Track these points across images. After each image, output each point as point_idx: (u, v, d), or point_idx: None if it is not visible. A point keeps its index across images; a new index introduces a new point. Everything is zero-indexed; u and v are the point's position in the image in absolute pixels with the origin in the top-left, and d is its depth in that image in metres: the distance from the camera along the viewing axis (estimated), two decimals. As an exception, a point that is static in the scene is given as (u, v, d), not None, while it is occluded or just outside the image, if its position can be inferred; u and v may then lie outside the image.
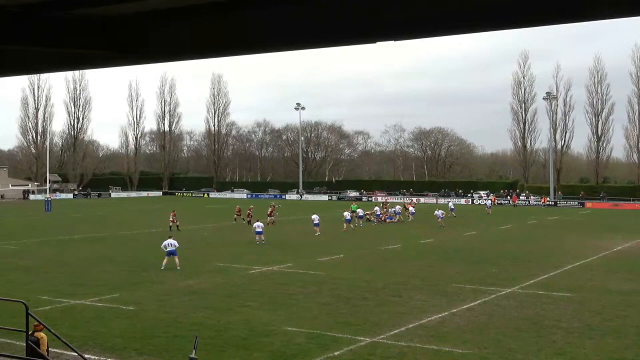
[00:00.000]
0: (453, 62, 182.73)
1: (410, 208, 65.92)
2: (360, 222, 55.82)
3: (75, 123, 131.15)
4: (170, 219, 54.42)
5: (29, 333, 14.46)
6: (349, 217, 52.99)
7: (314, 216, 49.07)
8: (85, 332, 19.92)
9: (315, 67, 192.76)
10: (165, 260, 31.82)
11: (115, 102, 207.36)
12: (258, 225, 42.63)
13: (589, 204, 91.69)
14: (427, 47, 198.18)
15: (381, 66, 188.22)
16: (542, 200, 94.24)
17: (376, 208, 64.77)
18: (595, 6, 6.60)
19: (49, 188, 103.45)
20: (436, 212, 58.80)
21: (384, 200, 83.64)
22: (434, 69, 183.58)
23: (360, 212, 57.28)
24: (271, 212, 58.10)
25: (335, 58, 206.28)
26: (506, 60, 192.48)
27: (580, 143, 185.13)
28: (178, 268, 31.39)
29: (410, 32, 7.65)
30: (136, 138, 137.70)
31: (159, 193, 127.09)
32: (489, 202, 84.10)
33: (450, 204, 72.89)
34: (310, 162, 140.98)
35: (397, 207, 65.85)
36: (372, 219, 60.36)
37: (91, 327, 20.66)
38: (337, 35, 7.94)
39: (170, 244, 32.20)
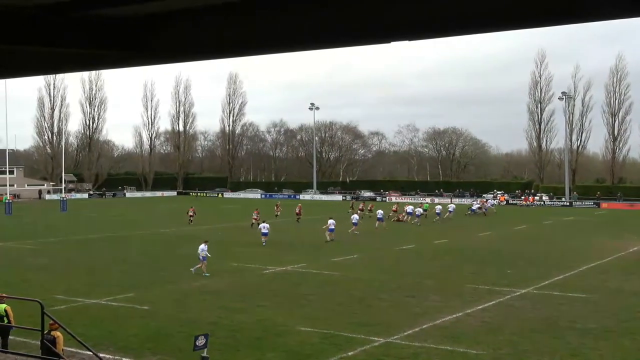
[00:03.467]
0: (475, 63, 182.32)
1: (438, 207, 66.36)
2: (381, 223, 54.52)
3: (91, 123, 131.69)
4: (190, 213, 58.26)
5: (45, 332, 14.56)
6: (380, 216, 54.72)
7: (330, 221, 44.76)
8: (100, 331, 20.02)
9: (337, 67, 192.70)
10: (200, 265, 30.82)
11: (130, 103, 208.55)
12: (264, 227, 42.46)
13: (604, 205, 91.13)
14: (450, 48, 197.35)
15: (403, 67, 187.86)
16: (528, 199, 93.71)
17: (409, 207, 65.46)
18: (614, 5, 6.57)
19: (64, 188, 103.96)
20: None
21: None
22: (455, 69, 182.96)
23: (380, 213, 54.90)
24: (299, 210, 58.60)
25: (357, 58, 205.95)
26: (526, 61, 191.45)
27: (596, 143, 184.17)
28: (205, 274, 30.26)
29: (424, 32, 7.64)
30: (151, 138, 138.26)
31: (174, 193, 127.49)
32: (492, 202, 79.93)
33: (451, 206, 69.32)
34: (324, 162, 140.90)
35: (417, 209, 66.12)
36: (405, 218, 61.61)
37: (106, 326, 20.76)
38: (352, 35, 7.95)
39: (202, 249, 30.89)
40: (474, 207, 73.62)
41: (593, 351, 18.24)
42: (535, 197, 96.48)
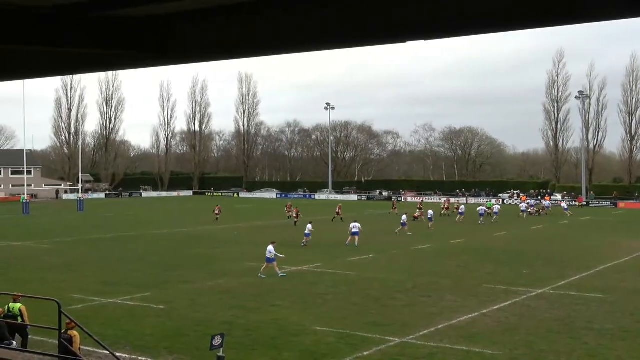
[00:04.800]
0: (490, 62, 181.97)
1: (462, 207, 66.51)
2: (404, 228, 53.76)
3: (108, 124, 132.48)
4: (216, 212, 61.38)
5: (62, 331, 14.64)
6: (429, 215, 56.29)
7: (354, 224, 42.16)
8: (116, 330, 20.13)
9: (352, 68, 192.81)
10: (265, 267, 30.36)
11: (147, 103, 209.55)
12: (308, 228, 42.22)
13: (621, 204, 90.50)
14: (467, 47, 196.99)
15: (419, 66, 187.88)
16: (578, 200, 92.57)
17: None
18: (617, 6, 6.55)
19: (81, 188, 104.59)
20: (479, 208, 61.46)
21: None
22: (472, 68, 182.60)
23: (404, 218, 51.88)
24: (297, 213, 58.33)
25: (372, 58, 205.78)
26: (541, 61, 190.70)
27: (613, 142, 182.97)
28: (281, 274, 29.97)
29: (439, 32, 7.63)
30: (167, 138, 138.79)
31: (189, 193, 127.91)
32: (524, 205, 74.65)
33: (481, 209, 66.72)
34: (339, 162, 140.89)
35: (462, 206, 66.87)
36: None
37: (122, 325, 20.87)
38: (367, 35, 7.95)
39: (269, 251, 30.29)
40: (523, 208, 72.49)
41: (610, 351, 18.13)
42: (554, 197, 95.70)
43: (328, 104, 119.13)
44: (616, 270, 33.03)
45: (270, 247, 30.24)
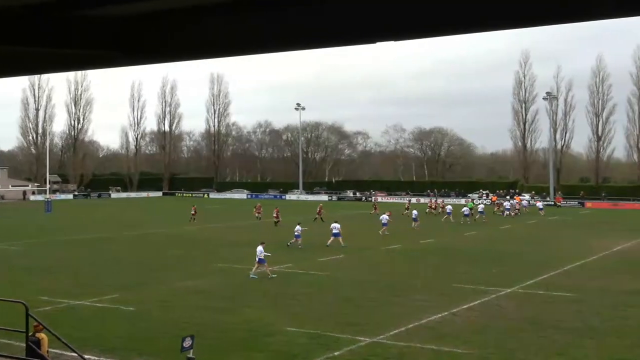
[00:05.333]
0: (464, 64, 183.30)
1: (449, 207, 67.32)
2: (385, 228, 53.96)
3: (76, 124, 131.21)
4: (192, 212, 62.17)
5: (29, 334, 14.47)
6: (414, 216, 56.34)
7: (334, 225, 42.46)
8: (85, 332, 19.93)
9: (326, 68, 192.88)
10: (256, 268, 30.22)
11: (116, 103, 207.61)
12: (297, 229, 42.08)
13: (589, 204, 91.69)
14: (440, 49, 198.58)
15: (393, 67, 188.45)
16: (557, 200, 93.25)
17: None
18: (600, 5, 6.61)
19: (49, 189, 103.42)
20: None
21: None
22: (445, 70, 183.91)
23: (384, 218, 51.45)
24: (277, 213, 58.20)
25: (346, 59, 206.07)
26: (514, 62, 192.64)
27: (580, 143, 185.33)
28: (270, 276, 29.70)
29: (409, 33, 7.65)
30: (137, 138, 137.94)
31: (159, 193, 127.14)
32: (482, 206, 71.10)
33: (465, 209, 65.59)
34: (310, 163, 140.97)
35: (449, 206, 67.57)
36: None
37: (91, 327, 20.67)
38: (336, 35, 7.96)
39: (259, 251, 30.09)
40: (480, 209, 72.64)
41: (578, 350, 18.35)
42: (522, 197, 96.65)
43: (298, 104, 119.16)
44: (584, 269, 33.44)
45: (260, 248, 30.10)
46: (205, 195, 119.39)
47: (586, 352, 18.18)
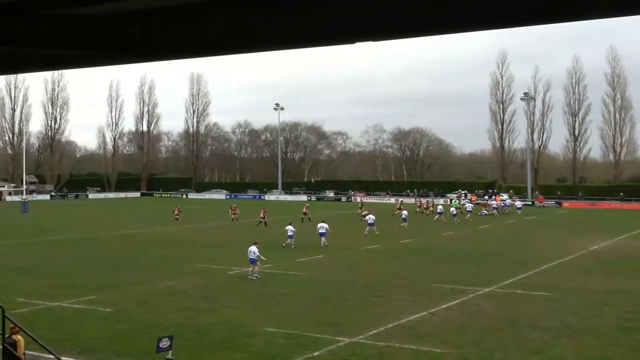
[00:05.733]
0: (444, 64, 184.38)
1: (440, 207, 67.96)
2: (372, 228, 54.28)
3: (53, 124, 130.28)
4: (175, 212, 62.19)
5: (6, 336, 14.33)
6: (403, 216, 56.61)
7: (321, 224, 42.68)
8: (62, 334, 19.77)
9: (308, 69, 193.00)
10: (250, 269, 30.05)
11: (93, 103, 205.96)
12: (289, 229, 41.55)
13: (566, 204, 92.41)
14: (422, 49, 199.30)
15: (374, 68, 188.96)
16: (539, 200, 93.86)
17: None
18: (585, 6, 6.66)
19: (26, 189, 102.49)
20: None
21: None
22: (427, 70, 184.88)
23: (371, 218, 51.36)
24: (264, 214, 58.03)
25: (328, 59, 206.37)
26: (492, 63, 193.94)
27: (557, 143, 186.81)
28: (255, 276, 29.52)
29: (387, 33, 7.67)
30: (114, 139, 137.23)
31: (137, 194, 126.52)
32: (470, 205, 71.60)
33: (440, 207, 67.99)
34: (289, 163, 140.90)
35: (440, 206, 68.02)
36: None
37: (69, 329, 20.51)
38: (317, 36, 7.97)
39: (251, 251, 29.93)
40: (469, 209, 73.24)
41: (555, 348, 18.48)
42: (501, 197, 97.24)
43: (277, 104, 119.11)
44: (561, 268, 33.69)
45: (254, 248, 29.93)
46: (184, 196, 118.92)
47: (563, 351, 18.31)
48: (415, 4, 7.21)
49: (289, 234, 41.13)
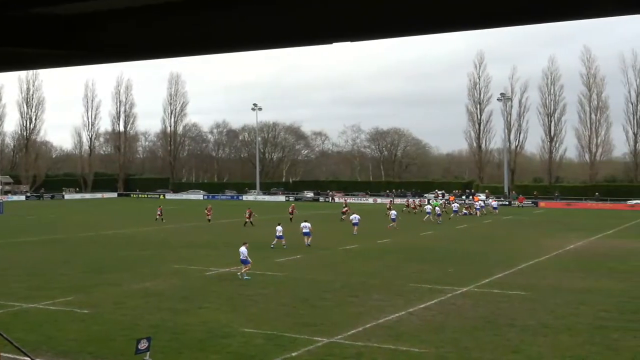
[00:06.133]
0: (423, 65, 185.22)
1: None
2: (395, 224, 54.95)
3: (28, 124, 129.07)
4: (158, 212, 62.48)
5: (-19, 338, 14.18)
6: (393, 216, 56.53)
7: (304, 224, 43.02)
8: (38, 336, 19.58)
9: (286, 69, 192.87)
10: (244, 269, 29.91)
11: (69, 103, 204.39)
12: (278, 230, 41.45)
13: (542, 204, 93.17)
14: (402, 49, 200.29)
15: (353, 68, 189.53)
16: (519, 200, 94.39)
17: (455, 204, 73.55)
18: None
19: (1, 190, 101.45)
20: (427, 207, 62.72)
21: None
22: (407, 70, 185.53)
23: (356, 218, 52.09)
24: (250, 214, 58.21)
25: (307, 59, 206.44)
26: (471, 64, 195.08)
27: (534, 144, 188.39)
28: (244, 277, 29.40)
29: (365, 33, 7.66)
30: (90, 139, 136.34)
31: (114, 194, 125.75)
32: (456, 205, 73.45)
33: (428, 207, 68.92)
34: (267, 163, 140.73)
35: (428, 206, 68.30)
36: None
37: (45, 331, 20.32)
38: (293, 36, 7.95)
39: (241, 252, 29.89)
40: (455, 208, 73.82)
41: (532, 347, 18.60)
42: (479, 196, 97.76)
43: (255, 104, 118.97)
44: (537, 268, 33.93)
45: (243, 249, 29.87)
46: (161, 196, 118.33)
47: (540, 349, 18.44)
48: (394, 3, 7.20)
49: (278, 234, 41.08)
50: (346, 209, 66.33)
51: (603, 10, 7.09)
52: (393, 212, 58.27)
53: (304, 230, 42.48)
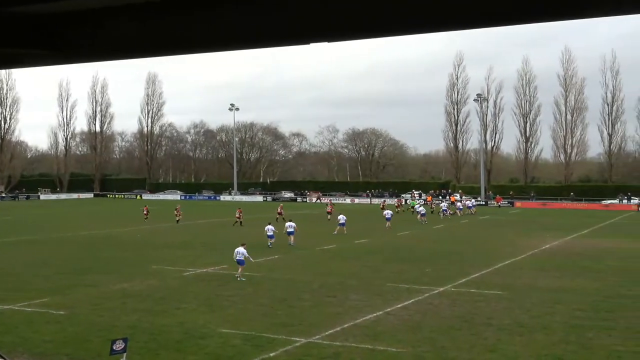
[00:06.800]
0: (407, 64, 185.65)
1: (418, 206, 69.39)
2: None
3: (3, 124, 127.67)
4: (144, 212, 61.96)
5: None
6: (388, 216, 57.02)
7: (289, 223, 43.83)
8: (14, 337, 19.43)
9: (267, 69, 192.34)
10: (239, 270, 29.90)
11: (45, 102, 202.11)
12: (269, 229, 41.57)
13: (518, 204, 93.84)
14: (381, 50, 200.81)
15: (333, 69, 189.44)
16: (497, 200, 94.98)
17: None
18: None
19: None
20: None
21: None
22: (388, 71, 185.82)
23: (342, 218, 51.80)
24: (239, 214, 58.40)
25: (288, 60, 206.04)
26: (450, 65, 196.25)
27: (510, 144, 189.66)
28: (240, 278, 29.31)
29: (343, 34, 7.68)
30: (66, 139, 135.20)
31: (90, 195, 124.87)
32: (423, 209, 66.82)
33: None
34: (244, 163, 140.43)
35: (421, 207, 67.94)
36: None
37: (20, 332, 20.16)
38: (269, 36, 7.94)
39: (238, 252, 30.01)
40: (444, 208, 74.09)
41: (508, 346, 18.75)
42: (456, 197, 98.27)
43: (232, 104, 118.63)
44: (514, 267, 34.19)
45: (242, 250, 29.90)
46: (138, 197, 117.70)
47: (516, 348, 18.59)
48: (371, 3, 7.21)
49: (269, 233, 41.33)
50: (329, 208, 67.01)
51: (603, 10, 7.16)
52: (389, 212, 58.61)
53: (289, 230, 42.87)
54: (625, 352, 18.29)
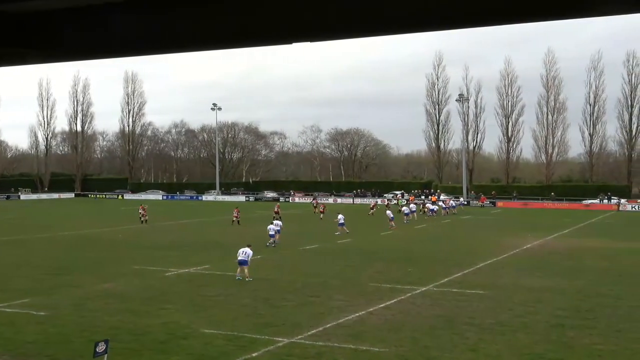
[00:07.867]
0: (390, 65, 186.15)
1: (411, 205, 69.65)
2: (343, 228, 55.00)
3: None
4: (141, 212, 60.15)
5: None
6: (390, 216, 56.91)
7: (274, 223, 44.63)
8: (-5, 339, 19.30)
9: (252, 69, 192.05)
10: (238, 270, 29.78)
11: (25, 102, 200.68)
12: (271, 229, 41.84)
13: (500, 204, 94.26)
14: (365, 51, 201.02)
15: (318, 69, 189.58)
16: (481, 200, 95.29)
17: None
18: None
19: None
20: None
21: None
22: (372, 71, 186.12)
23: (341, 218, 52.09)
24: (237, 213, 58.57)
25: (273, 60, 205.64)
26: (431, 65, 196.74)
27: (491, 144, 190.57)
28: (248, 279, 29.05)
29: (324, 34, 7.73)
30: (47, 138, 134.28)
31: (71, 195, 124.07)
32: (407, 209, 65.89)
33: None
34: (227, 163, 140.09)
35: (408, 207, 67.59)
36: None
37: (2, 333, 20.02)
38: (253, 36, 7.98)
39: (243, 252, 29.74)
40: (432, 208, 74.28)
41: (490, 345, 18.87)
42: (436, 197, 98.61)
43: (214, 104, 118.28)
44: (495, 267, 34.38)
45: (248, 251, 29.76)
46: (120, 197, 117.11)
47: (498, 347, 18.71)
48: (351, 4, 7.24)
49: (270, 232, 41.71)
50: (318, 207, 67.64)
51: (603, 10, 7.20)
52: (388, 212, 58.81)
53: (270, 233, 42.71)
54: (606, 350, 18.47)
